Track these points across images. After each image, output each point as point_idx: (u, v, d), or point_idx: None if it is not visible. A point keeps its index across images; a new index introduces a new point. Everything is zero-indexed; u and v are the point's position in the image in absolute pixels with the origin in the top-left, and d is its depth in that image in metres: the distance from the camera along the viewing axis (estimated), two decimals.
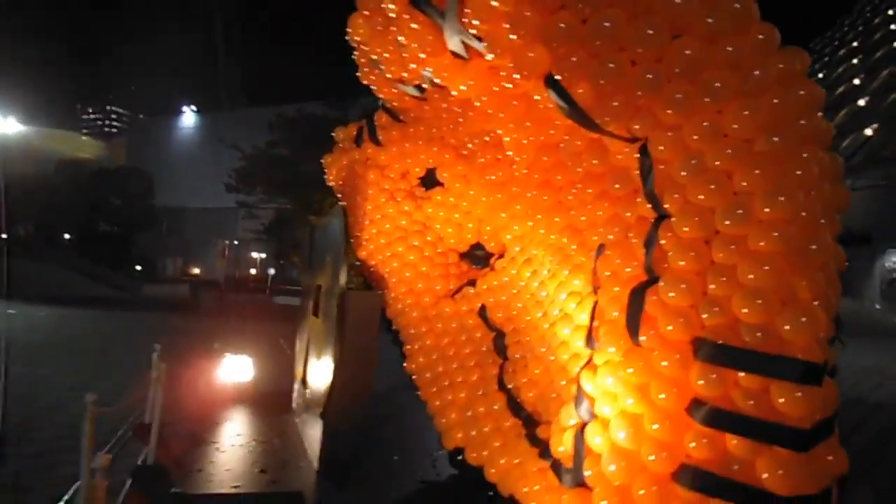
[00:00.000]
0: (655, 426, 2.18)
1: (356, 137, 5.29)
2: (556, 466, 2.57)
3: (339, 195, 5.71)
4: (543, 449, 2.82)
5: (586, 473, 2.36)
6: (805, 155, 2.07)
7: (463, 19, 2.37)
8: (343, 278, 4.22)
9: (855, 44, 33.83)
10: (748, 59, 2.10)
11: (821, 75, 31.10)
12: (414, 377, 4.49)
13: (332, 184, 5.71)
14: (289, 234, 39.66)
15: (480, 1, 2.14)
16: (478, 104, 2.94)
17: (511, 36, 2.16)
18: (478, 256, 4.98)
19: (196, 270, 52.75)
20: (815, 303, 2.02)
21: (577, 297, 3.09)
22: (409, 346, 4.59)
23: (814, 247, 2.01)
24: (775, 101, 2.08)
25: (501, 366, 3.84)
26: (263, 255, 55.28)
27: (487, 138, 3.96)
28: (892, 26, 32.02)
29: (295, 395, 5.67)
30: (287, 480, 3.95)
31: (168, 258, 54.49)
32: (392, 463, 4.49)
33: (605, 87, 2.15)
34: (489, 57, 2.35)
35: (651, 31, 2.07)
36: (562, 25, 2.08)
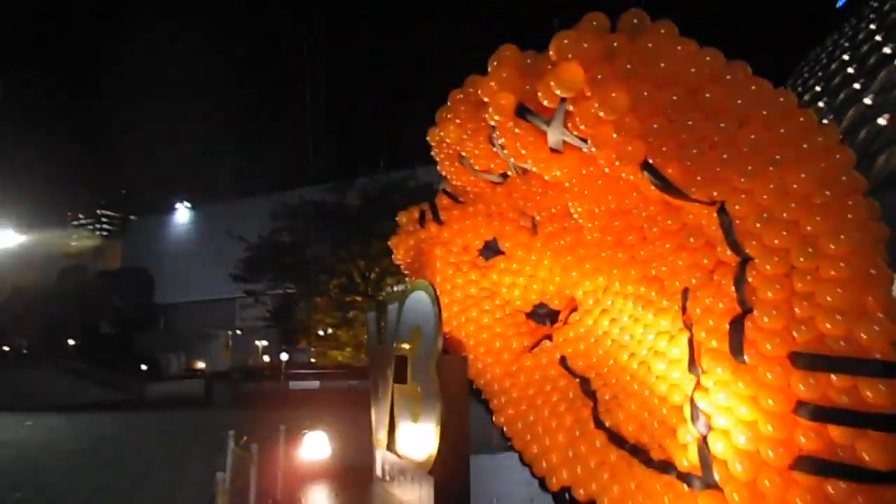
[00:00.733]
0: (770, 428, 2.71)
1: (419, 219, 5.97)
2: (685, 477, 3.07)
3: (408, 272, 6.33)
4: (665, 467, 3.31)
5: (716, 476, 2.87)
6: (851, 202, 2.72)
7: (567, 125, 3.06)
8: (440, 344, 4.74)
9: None
10: (797, 136, 2.78)
11: None
12: (505, 429, 4.96)
13: (399, 262, 6.33)
14: (295, 318, 39.98)
15: (589, 113, 2.83)
16: (567, 185, 3.62)
17: (614, 135, 2.84)
18: (541, 315, 5.57)
19: (200, 365, 52.40)
20: (881, 315, 2.61)
21: (667, 335, 3.66)
22: (495, 401, 5.09)
23: (873, 271, 2.62)
24: (822, 164, 2.75)
25: (593, 407, 4.35)
26: (266, 343, 55.11)
27: (554, 210, 4.64)
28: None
29: (379, 462, 6.04)
30: None
31: (171, 354, 54.21)
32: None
33: (690, 167, 2.82)
34: (592, 150, 3.02)
35: (723, 125, 2.76)
36: (655, 126, 2.77)
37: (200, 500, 8.19)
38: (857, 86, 33.47)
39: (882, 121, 27.21)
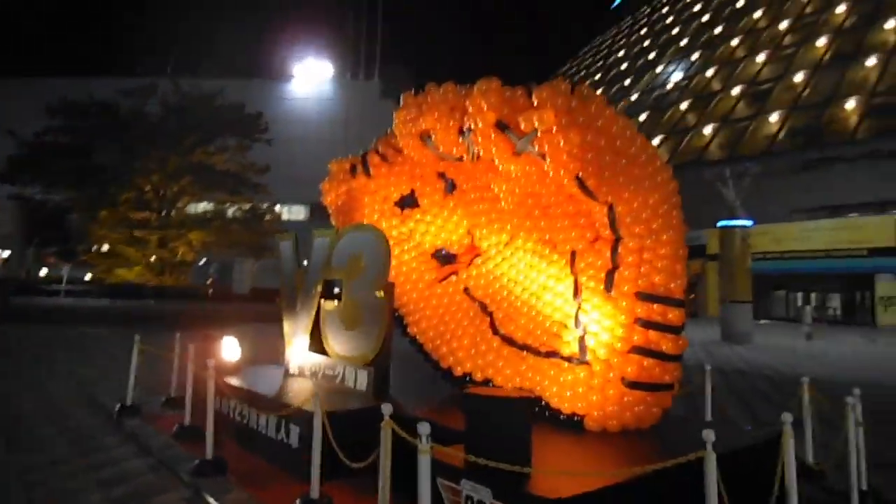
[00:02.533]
0: (620, 331, 4.95)
1: (350, 170, 7.33)
2: (567, 358, 5.23)
3: (334, 213, 7.62)
4: (550, 354, 5.44)
5: (587, 357, 5.07)
6: (675, 212, 5.02)
7: (533, 142, 4.86)
8: (387, 272, 6.29)
9: None
10: (656, 172, 4.97)
11: None
12: (418, 337, 6.77)
13: (328, 205, 7.59)
14: (70, 231, 36.13)
15: (553, 141, 4.66)
16: (513, 176, 5.45)
17: (564, 156, 4.73)
18: (441, 256, 7.40)
19: None
20: (681, 276, 4.97)
21: (554, 277, 5.76)
22: (410, 318, 6.86)
23: (681, 252, 4.96)
24: (665, 190, 4.99)
25: (490, 321, 6.36)
26: (7, 253, 48.35)
27: (479, 183, 6.45)
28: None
29: (297, 361, 7.40)
30: (361, 404, 5.89)
31: None
32: (413, 389, 6.63)
33: (601, 182, 4.84)
34: (546, 161, 4.87)
35: (623, 162, 4.82)
36: (589, 156, 4.72)
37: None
38: (626, 82, 40.36)
39: (642, 117, 33.68)
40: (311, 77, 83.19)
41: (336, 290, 6.94)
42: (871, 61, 22.20)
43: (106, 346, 16.14)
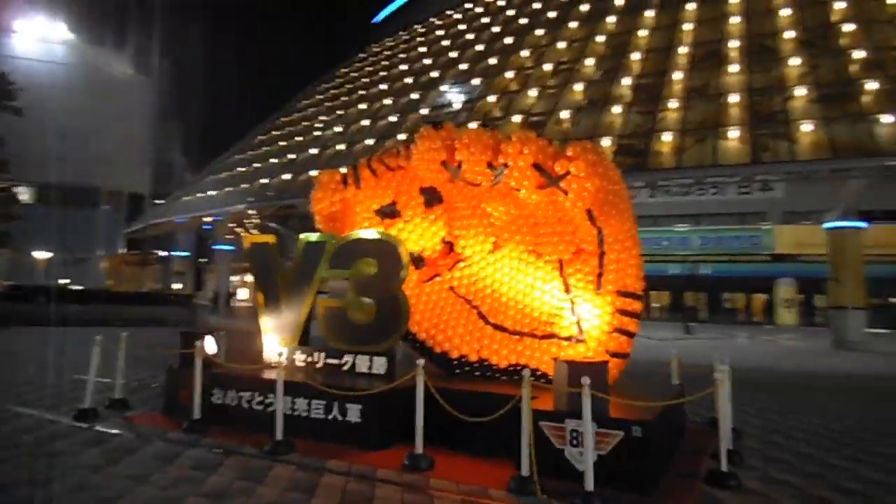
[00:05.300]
0: (607, 317, 7.08)
1: (342, 181, 8.30)
2: (566, 338, 7.17)
3: (324, 220, 8.39)
4: (549, 336, 7.32)
5: (583, 336, 7.09)
6: (637, 234, 7.34)
7: (561, 182, 6.71)
8: (405, 272, 7.46)
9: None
10: (630, 207, 7.23)
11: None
12: (411, 328, 8.05)
13: (318, 213, 8.34)
14: None
15: (580, 183, 6.58)
16: (529, 201, 7.20)
17: (584, 194, 6.68)
18: (414, 260, 8.72)
19: None
20: (641, 278, 7.29)
21: (542, 279, 7.64)
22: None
23: (641, 262, 7.29)
24: (634, 217, 7.27)
25: (478, 314, 7.97)
26: None
27: (473, 203, 8.01)
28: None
29: (284, 354, 8.02)
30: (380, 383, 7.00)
31: None
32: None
33: (601, 214, 6.91)
34: (569, 196, 6.74)
35: (616, 200, 6.96)
36: (600, 196, 6.75)
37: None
38: (415, 96, 43.54)
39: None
40: (39, 37, 71.87)
41: (335, 288, 7.87)
42: (617, 109, 28.49)
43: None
